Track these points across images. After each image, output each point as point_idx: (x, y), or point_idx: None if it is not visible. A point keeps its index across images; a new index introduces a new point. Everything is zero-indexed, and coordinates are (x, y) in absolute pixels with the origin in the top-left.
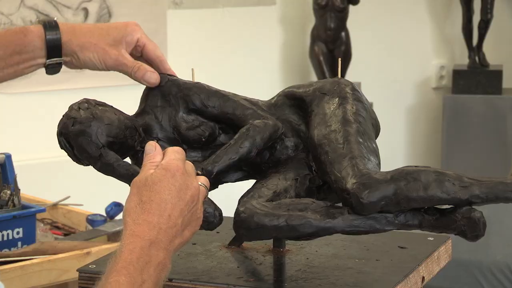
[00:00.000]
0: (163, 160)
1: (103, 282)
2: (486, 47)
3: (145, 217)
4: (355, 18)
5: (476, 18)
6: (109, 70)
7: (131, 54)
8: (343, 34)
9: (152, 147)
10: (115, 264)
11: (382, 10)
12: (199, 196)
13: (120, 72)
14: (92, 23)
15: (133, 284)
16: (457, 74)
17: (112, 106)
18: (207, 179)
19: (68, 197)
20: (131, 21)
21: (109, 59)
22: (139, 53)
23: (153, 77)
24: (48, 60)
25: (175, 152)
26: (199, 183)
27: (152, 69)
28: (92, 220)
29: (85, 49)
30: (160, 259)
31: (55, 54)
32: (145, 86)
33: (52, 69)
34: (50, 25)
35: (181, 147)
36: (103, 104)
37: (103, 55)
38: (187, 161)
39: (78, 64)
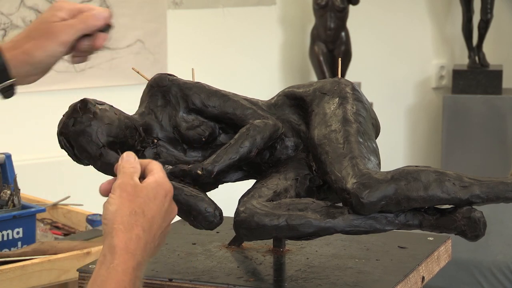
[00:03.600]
0: (155, 173)
1: None
2: (486, 47)
3: (137, 232)
4: (355, 18)
5: (476, 18)
6: (72, 46)
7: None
8: (343, 34)
9: (131, 154)
10: (108, 283)
11: (382, 10)
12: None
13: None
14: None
15: None
16: (457, 74)
17: (112, 106)
18: None
19: (68, 197)
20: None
21: (64, 36)
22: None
23: (103, 14)
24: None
25: (162, 170)
26: None
27: (94, 6)
28: (92, 220)
29: (34, 49)
30: (141, 279)
31: (4, 77)
32: (145, 86)
33: (7, 93)
34: None
35: (181, 146)
36: (103, 104)
37: (54, 36)
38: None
39: (38, 71)
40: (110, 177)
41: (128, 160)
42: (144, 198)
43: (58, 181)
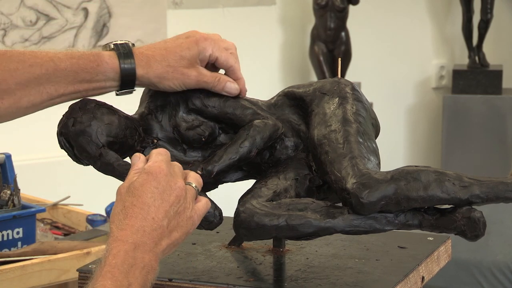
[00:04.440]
0: (146, 164)
1: None
2: (486, 47)
3: (128, 222)
4: (355, 18)
5: (476, 18)
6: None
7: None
8: (343, 34)
9: (136, 157)
10: (100, 270)
11: (382, 10)
12: (186, 195)
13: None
14: (160, 44)
15: (119, 287)
16: (457, 74)
17: (112, 106)
18: (197, 176)
19: (68, 197)
20: (197, 35)
21: (189, 82)
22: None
23: (233, 88)
24: (119, 92)
25: (158, 154)
26: (188, 182)
27: (230, 79)
28: (92, 220)
29: (163, 79)
30: (146, 261)
31: (129, 85)
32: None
33: (123, 94)
34: (124, 54)
35: (181, 147)
36: (103, 104)
37: (183, 80)
38: (173, 161)
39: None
40: (111, 177)
41: (133, 165)
42: (132, 191)
43: (58, 181)
